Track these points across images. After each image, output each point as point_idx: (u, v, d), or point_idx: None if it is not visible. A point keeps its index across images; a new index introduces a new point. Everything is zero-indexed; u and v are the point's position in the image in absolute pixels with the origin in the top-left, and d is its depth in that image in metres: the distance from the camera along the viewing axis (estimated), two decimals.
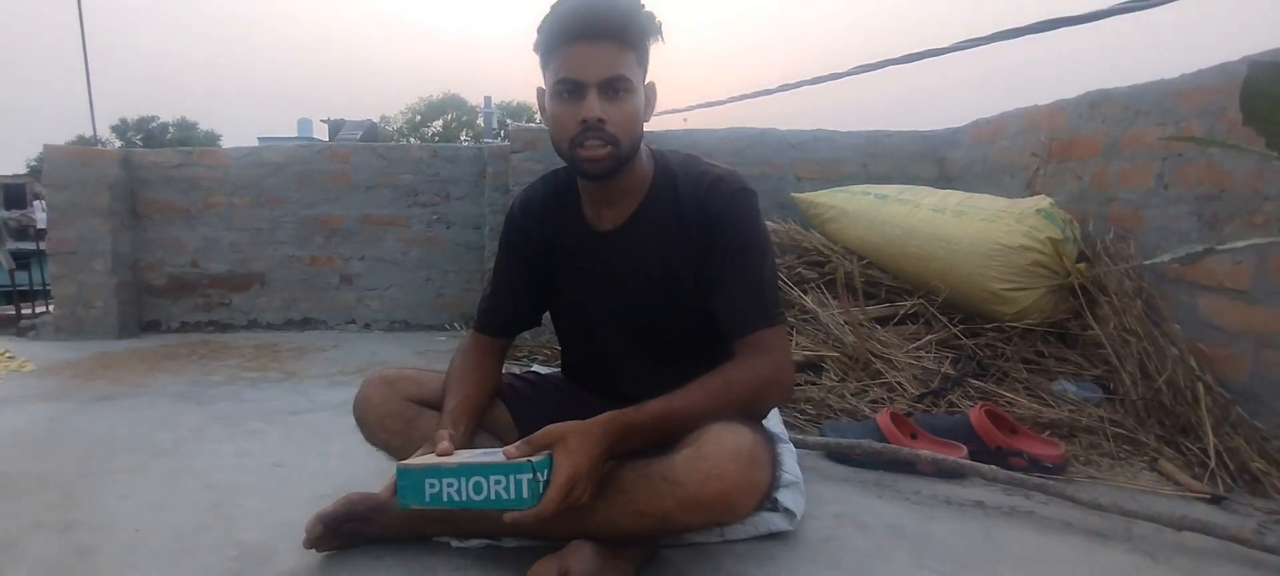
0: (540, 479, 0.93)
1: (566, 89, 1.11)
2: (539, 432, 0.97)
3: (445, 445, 1.04)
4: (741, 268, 1.17)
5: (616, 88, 1.11)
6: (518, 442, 0.98)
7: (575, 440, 0.97)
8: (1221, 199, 1.74)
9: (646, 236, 1.22)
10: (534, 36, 1.15)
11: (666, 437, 1.04)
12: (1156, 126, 1.97)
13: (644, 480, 1.01)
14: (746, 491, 1.00)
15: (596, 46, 1.09)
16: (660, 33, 1.16)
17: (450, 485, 0.95)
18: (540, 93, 1.19)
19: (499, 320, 1.34)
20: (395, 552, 1.18)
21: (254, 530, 1.29)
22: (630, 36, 1.11)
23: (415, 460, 1.01)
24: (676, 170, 1.24)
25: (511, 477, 0.92)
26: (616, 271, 1.24)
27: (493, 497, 0.93)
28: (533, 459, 0.93)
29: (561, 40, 1.11)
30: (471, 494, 0.93)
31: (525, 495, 0.92)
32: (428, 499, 0.96)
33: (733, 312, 1.17)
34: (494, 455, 0.98)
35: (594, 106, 1.10)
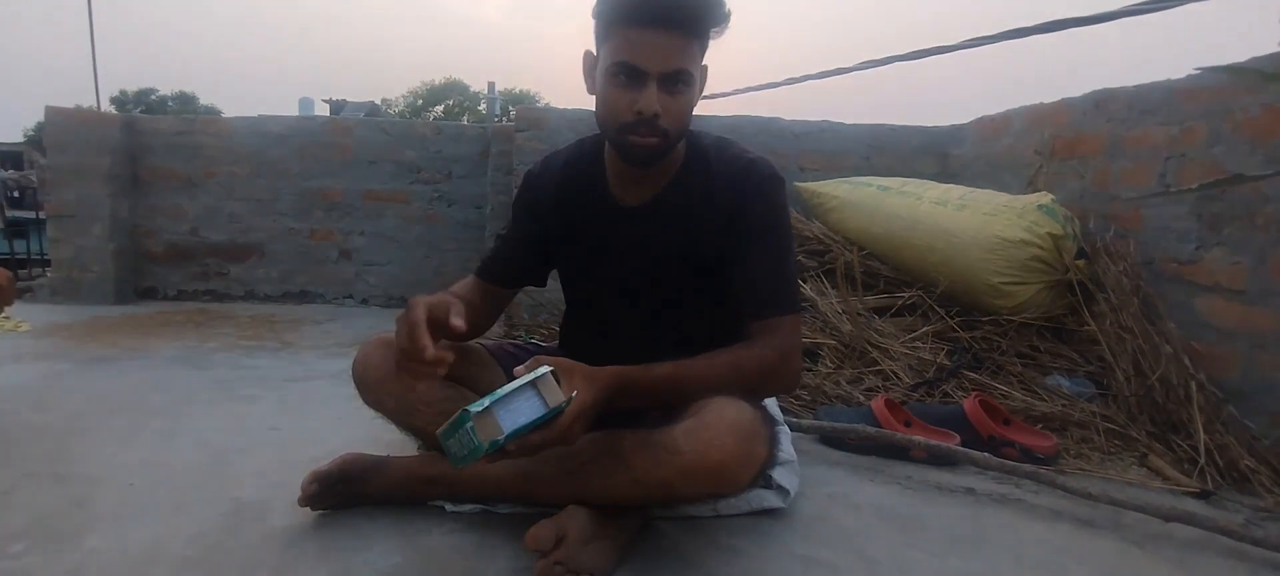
0: (474, 430, 0.89)
1: (624, 73, 1.07)
2: (557, 362, 0.97)
3: (456, 322, 1.06)
4: (765, 252, 1.17)
5: (677, 81, 1.07)
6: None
7: (580, 373, 0.97)
8: (1223, 199, 1.75)
9: (674, 214, 1.21)
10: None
11: (668, 402, 1.04)
12: (1161, 126, 1.98)
13: (644, 448, 1.01)
14: (745, 463, 1.01)
15: (665, 35, 1.05)
16: (727, 22, 1.12)
17: (464, 436, 0.91)
18: (588, 57, 1.15)
19: (499, 267, 1.34)
20: (389, 515, 1.19)
21: (249, 488, 1.30)
22: (700, 27, 1.07)
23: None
24: (710, 151, 1.23)
25: (461, 431, 0.90)
26: (638, 247, 1.23)
27: (468, 453, 0.90)
28: (468, 408, 0.89)
29: (630, 20, 1.06)
30: (460, 451, 0.92)
31: (476, 443, 0.88)
32: (473, 449, 0.92)
33: (751, 295, 1.17)
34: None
35: (653, 100, 1.06)
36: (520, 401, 0.90)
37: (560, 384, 0.94)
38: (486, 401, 0.89)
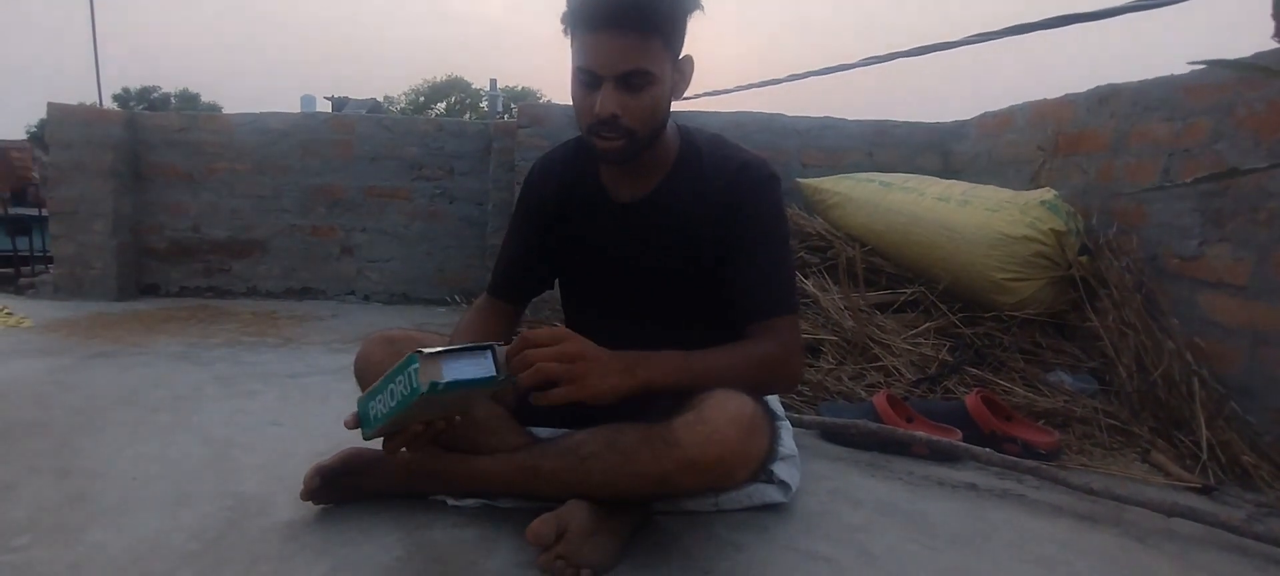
0: (417, 371, 0.91)
1: (583, 77, 1.09)
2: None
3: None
4: (762, 253, 1.18)
5: (633, 81, 1.08)
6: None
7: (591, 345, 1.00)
8: (1226, 195, 1.74)
9: (666, 212, 1.21)
10: (563, 6, 1.12)
11: (679, 387, 1.04)
12: (1165, 122, 1.97)
13: (644, 441, 1.01)
14: (745, 457, 1.01)
15: (616, 37, 1.05)
16: (698, 5, 1.13)
17: (379, 402, 0.97)
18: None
19: (510, 283, 1.35)
20: (391, 509, 1.19)
21: (251, 482, 1.30)
22: (654, 24, 1.07)
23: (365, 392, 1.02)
24: (703, 149, 1.23)
25: (403, 373, 0.92)
26: (632, 244, 1.24)
27: (399, 399, 0.94)
28: (417, 351, 0.92)
29: (582, 25, 1.08)
30: (390, 402, 0.95)
31: (415, 385, 0.91)
32: (373, 421, 0.98)
33: (750, 296, 1.17)
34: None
35: (609, 102, 1.07)
36: (466, 361, 0.93)
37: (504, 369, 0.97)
38: (438, 350, 0.92)
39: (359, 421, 1.01)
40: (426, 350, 0.91)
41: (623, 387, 1.01)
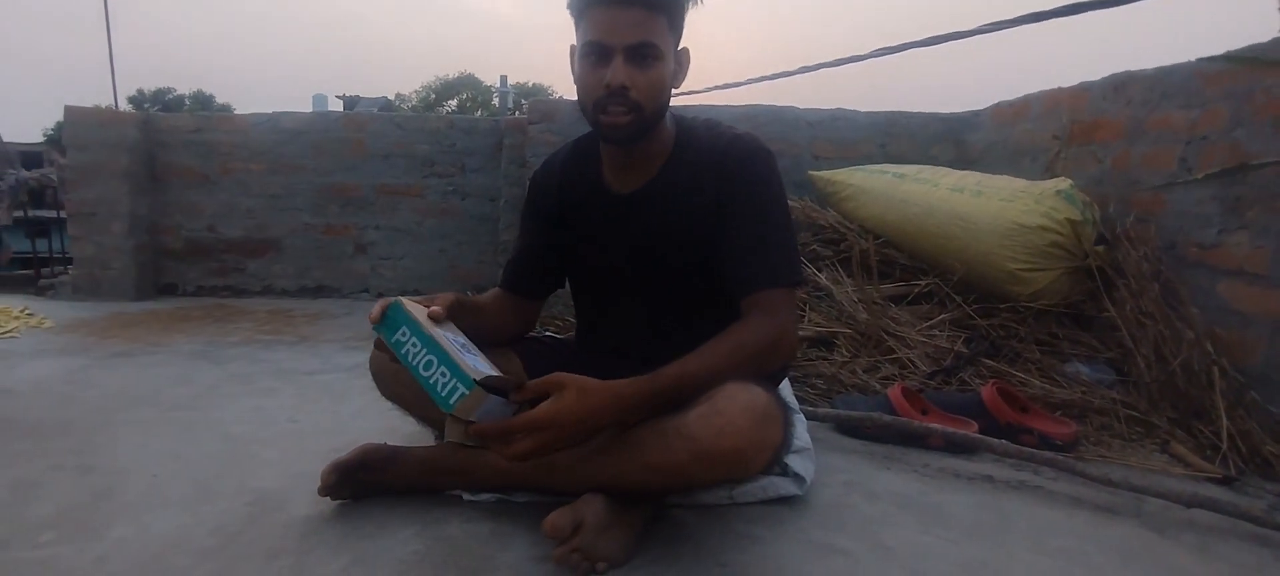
0: (463, 395, 0.93)
1: (594, 52, 1.11)
2: (547, 377, 0.97)
3: (437, 309, 1.05)
4: (751, 225, 1.17)
5: (644, 54, 1.10)
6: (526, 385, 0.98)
7: (573, 392, 0.96)
8: (1245, 182, 1.72)
9: (664, 199, 1.22)
10: None
11: (682, 402, 1.03)
12: (1182, 109, 1.95)
13: (658, 435, 1.01)
14: (759, 447, 1.00)
15: (626, 11, 1.09)
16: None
17: (414, 345, 0.97)
18: (572, 50, 1.19)
19: (519, 278, 1.36)
20: (407, 504, 1.20)
21: (269, 478, 1.31)
22: (662, 3, 1.11)
23: (414, 307, 1.02)
24: (699, 133, 1.24)
25: (453, 379, 0.93)
26: (633, 234, 1.24)
27: (429, 382, 0.94)
28: (479, 380, 0.93)
29: (592, 1, 1.11)
30: (420, 368, 0.95)
31: (450, 399, 0.92)
32: (392, 341, 0.98)
33: (740, 270, 1.16)
34: (471, 358, 0.99)
35: (619, 72, 1.10)
36: (495, 405, 0.96)
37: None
38: (489, 378, 0.95)
39: (384, 313, 1.01)
40: (480, 378, 0.93)
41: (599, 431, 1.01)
